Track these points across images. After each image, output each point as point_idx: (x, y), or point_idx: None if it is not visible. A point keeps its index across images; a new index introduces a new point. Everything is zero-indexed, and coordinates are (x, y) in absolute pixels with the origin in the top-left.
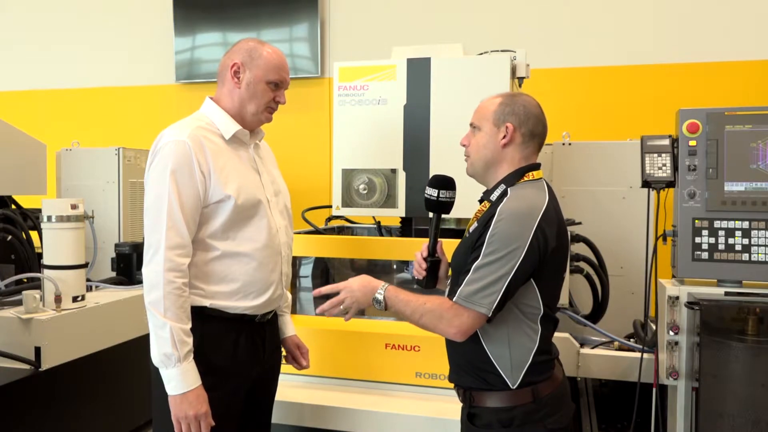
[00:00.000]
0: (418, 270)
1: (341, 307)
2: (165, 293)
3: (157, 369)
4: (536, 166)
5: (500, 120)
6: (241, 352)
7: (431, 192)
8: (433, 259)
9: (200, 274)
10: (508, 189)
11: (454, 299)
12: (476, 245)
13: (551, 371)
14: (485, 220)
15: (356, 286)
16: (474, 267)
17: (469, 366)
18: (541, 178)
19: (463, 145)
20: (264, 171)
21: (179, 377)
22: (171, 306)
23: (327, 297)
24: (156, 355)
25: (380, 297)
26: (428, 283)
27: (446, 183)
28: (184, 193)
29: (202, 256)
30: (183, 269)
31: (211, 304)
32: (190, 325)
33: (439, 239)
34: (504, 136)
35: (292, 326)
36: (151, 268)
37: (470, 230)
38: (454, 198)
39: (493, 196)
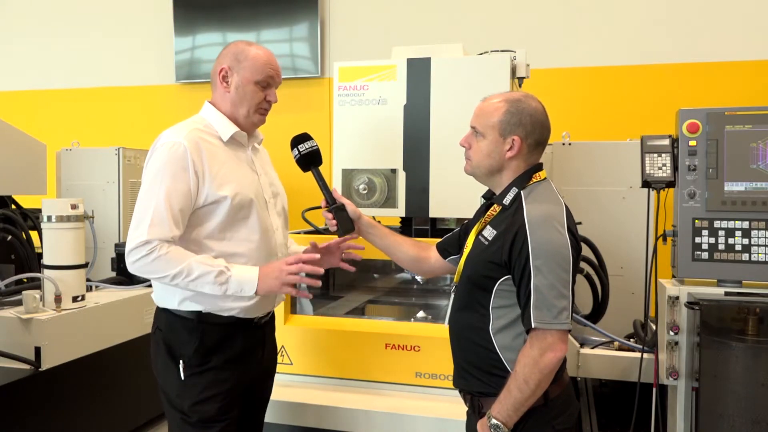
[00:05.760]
0: (331, 223)
1: None
2: (160, 256)
3: (163, 364)
4: (541, 167)
5: (506, 131)
6: (239, 354)
7: (294, 153)
8: (336, 206)
9: None
10: (521, 192)
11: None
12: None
13: (561, 372)
14: (506, 228)
15: None
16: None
17: (477, 369)
18: (546, 178)
19: (463, 146)
20: (262, 173)
21: (241, 279)
22: (175, 257)
23: None
24: (212, 291)
25: (496, 422)
26: (346, 229)
27: (300, 138)
28: (174, 192)
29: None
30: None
31: (206, 309)
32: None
33: (332, 188)
34: (510, 148)
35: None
36: (134, 259)
37: (483, 234)
38: (316, 144)
39: (506, 200)
